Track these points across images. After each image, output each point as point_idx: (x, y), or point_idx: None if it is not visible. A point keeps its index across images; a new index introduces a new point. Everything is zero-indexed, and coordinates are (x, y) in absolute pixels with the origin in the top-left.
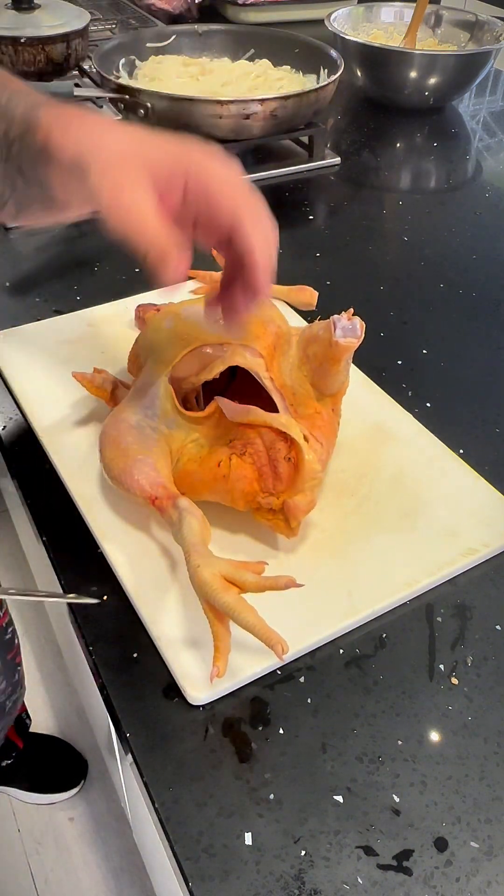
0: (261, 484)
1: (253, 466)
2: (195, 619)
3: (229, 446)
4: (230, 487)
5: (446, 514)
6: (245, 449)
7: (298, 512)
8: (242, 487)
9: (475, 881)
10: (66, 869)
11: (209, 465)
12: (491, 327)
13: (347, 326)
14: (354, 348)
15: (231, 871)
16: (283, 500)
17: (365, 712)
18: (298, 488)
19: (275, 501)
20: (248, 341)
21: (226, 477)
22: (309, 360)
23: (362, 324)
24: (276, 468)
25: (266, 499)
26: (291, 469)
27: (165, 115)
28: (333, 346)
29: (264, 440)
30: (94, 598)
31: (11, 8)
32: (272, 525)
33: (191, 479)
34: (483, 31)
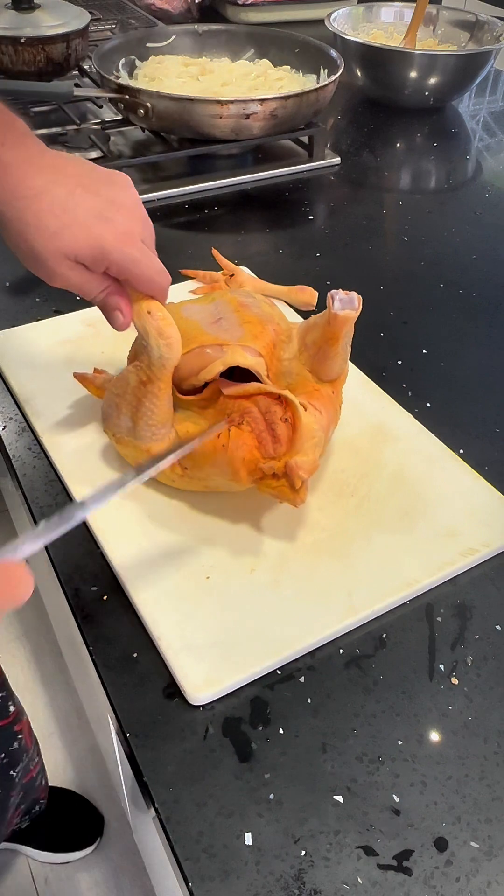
0: (261, 450)
1: (251, 434)
2: (195, 619)
3: (227, 421)
4: (230, 457)
5: (446, 514)
6: (242, 418)
7: (301, 471)
8: (242, 455)
9: (475, 881)
10: (66, 869)
11: (208, 439)
12: (491, 327)
13: (345, 299)
14: (353, 320)
15: (231, 871)
16: (286, 462)
17: (365, 712)
18: (298, 448)
19: (277, 465)
20: (248, 341)
21: (225, 447)
22: (307, 347)
23: (359, 297)
24: (273, 431)
25: (268, 464)
26: (289, 429)
27: (165, 115)
28: (332, 320)
29: (260, 407)
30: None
31: (11, 8)
32: (278, 493)
33: (193, 453)
34: (483, 31)
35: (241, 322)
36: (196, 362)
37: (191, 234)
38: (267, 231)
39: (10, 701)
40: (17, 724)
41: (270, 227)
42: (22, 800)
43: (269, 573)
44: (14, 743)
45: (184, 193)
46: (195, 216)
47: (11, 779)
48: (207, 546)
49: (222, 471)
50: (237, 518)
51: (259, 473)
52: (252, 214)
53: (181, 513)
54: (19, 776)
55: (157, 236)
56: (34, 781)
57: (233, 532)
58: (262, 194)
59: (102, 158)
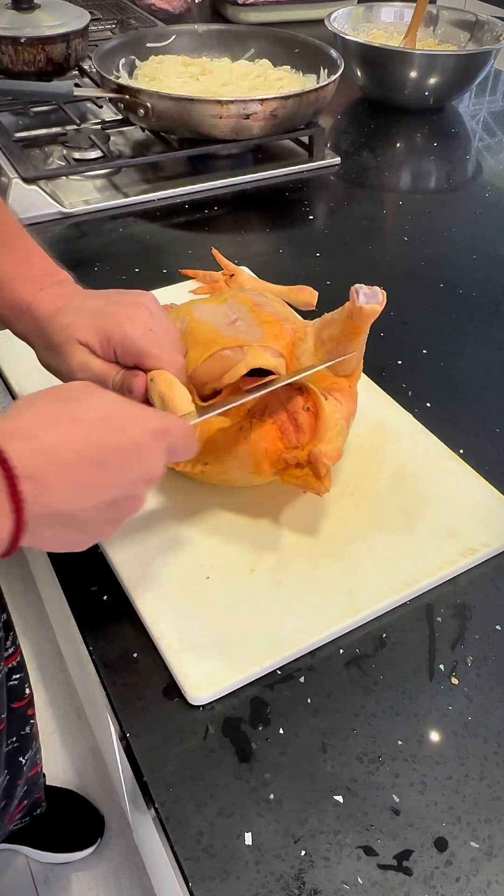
0: (284, 440)
1: (273, 425)
2: (195, 619)
3: (247, 413)
4: (253, 448)
5: (446, 513)
6: (263, 410)
7: (326, 458)
8: (265, 446)
9: (475, 881)
10: (66, 869)
11: (231, 431)
12: (491, 327)
13: (369, 293)
14: (377, 314)
15: (231, 871)
16: (310, 451)
17: (365, 712)
18: (322, 436)
19: (300, 453)
20: (268, 341)
21: (248, 438)
22: (324, 343)
23: (383, 292)
24: (296, 420)
25: (291, 453)
26: (312, 418)
27: (165, 115)
28: (356, 314)
29: (281, 399)
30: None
31: (11, 8)
32: (302, 482)
33: (213, 447)
34: (483, 31)
35: (259, 322)
36: (217, 366)
37: (191, 234)
38: (267, 231)
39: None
40: (30, 708)
41: (270, 227)
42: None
43: (269, 573)
44: (26, 727)
45: (184, 193)
46: (195, 216)
47: (20, 766)
48: (208, 546)
49: (244, 463)
50: (237, 518)
51: (282, 464)
52: (252, 214)
53: (181, 513)
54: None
55: (158, 236)
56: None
57: (233, 532)
58: (262, 194)
59: (102, 158)
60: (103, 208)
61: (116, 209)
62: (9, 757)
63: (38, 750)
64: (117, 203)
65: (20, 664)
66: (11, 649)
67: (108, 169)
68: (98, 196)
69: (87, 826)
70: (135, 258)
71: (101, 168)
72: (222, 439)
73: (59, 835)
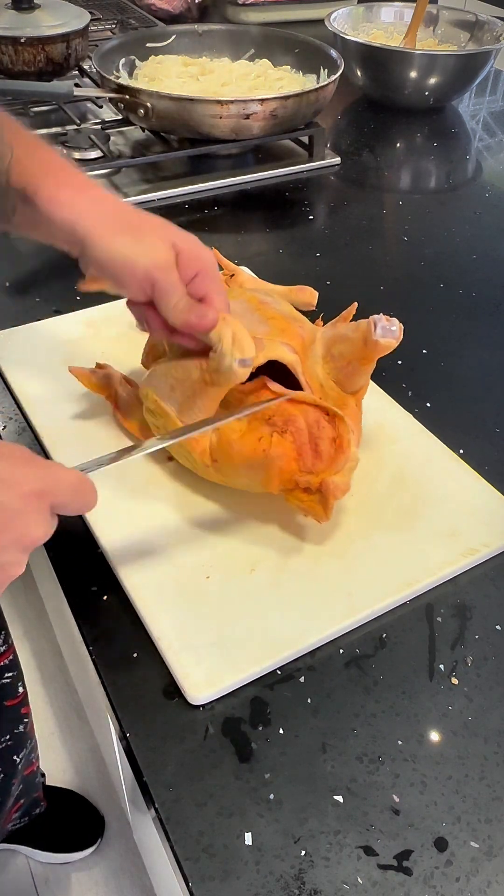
0: (300, 463)
1: (293, 445)
2: (195, 619)
3: (269, 423)
4: (269, 464)
5: (446, 514)
6: (286, 427)
7: (337, 491)
8: (281, 465)
9: (475, 881)
10: (66, 869)
11: (249, 440)
12: (491, 327)
13: (387, 327)
14: (392, 349)
15: (231, 871)
16: (322, 480)
17: (365, 712)
18: (338, 468)
19: (313, 480)
20: (275, 336)
21: (265, 452)
22: (334, 358)
23: (401, 326)
24: (317, 447)
25: (304, 477)
26: (333, 448)
27: (165, 115)
28: (371, 346)
29: (308, 418)
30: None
31: (11, 8)
32: (307, 507)
33: (229, 450)
34: (483, 31)
35: (265, 318)
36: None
37: None
38: (267, 231)
39: (20, 682)
40: (24, 706)
41: (270, 227)
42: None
43: (269, 573)
44: (20, 726)
45: (184, 193)
46: (195, 216)
47: (14, 764)
48: (208, 546)
49: (256, 474)
50: (238, 518)
51: (292, 484)
52: (252, 214)
53: (182, 513)
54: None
55: None
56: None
57: (233, 532)
58: (262, 194)
59: (102, 158)
60: None
61: None
62: (2, 755)
63: (33, 748)
64: None
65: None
66: (3, 647)
67: (108, 169)
68: None
69: (87, 826)
70: None
71: (101, 168)
72: (238, 443)
73: (59, 835)
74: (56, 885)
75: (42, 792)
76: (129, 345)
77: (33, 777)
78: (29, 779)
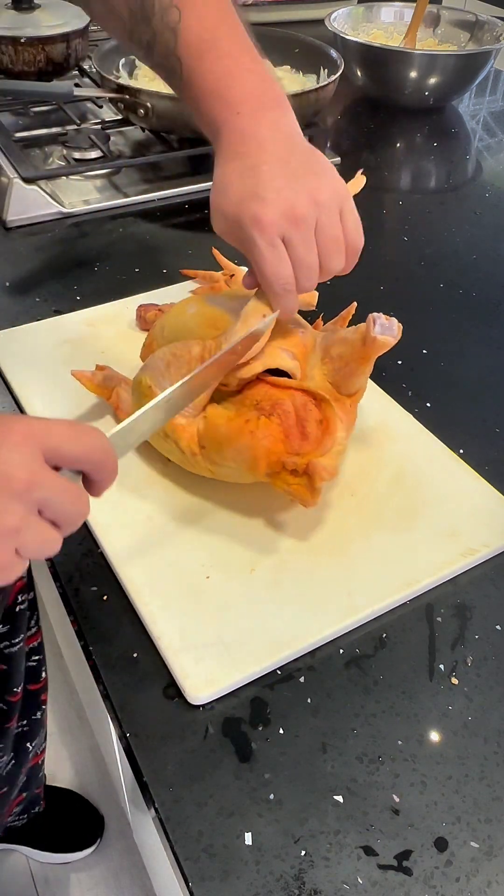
0: (287, 445)
1: (280, 427)
2: (195, 618)
3: (256, 407)
4: (255, 444)
5: (446, 514)
6: (273, 409)
7: (325, 473)
8: (268, 445)
9: (475, 881)
10: (66, 869)
11: (236, 423)
12: (491, 327)
13: (386, 325)
14: (390, 346)
15: (231, 871)
16: (309, 461)
17: (365, 712)
18: (325, 450)
19: (300, 461)
20: (282, 342)
21: (252, 433)
22: (332, 360)
23: (399, 325)
24: (304, 428)
25: (291, 459)
26: (320, 431)
27: (165, 115)
28: (369, 343)
29: (295, 402)
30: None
31: (11, 8)
32: (293, 490)
33: (216, 434)
34: (483, 31)
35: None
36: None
37: (191, 234)
38: None
39: (43, 667)
40: (44, 692)
41: None
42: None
43: (269, 573)
44: (38, 712)
45: (184, 193)
46: (195, 216)
47: (27, 752)
48: (207, 546)
49: (242, 457)
50: (238, 518)
51: (278, 467)
52: None
53: (181, 513)
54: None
55: (158, 236)
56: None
57: (233, 532)
58: None
59: (102, 158)
60: (103, 208)
61: (116, 209)
62: (17, 740)
63: (44, 738)
64: (117, 203)
65: (41, 646)
66: (35, 629)
67: (108, 169)
68: (98, 196)
69: (87, 826)
70: (135, 258)
71: (101, 168)
72: (225, 426)
73: (59, 835)
74: (56, 885)
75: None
76: (129, 344)
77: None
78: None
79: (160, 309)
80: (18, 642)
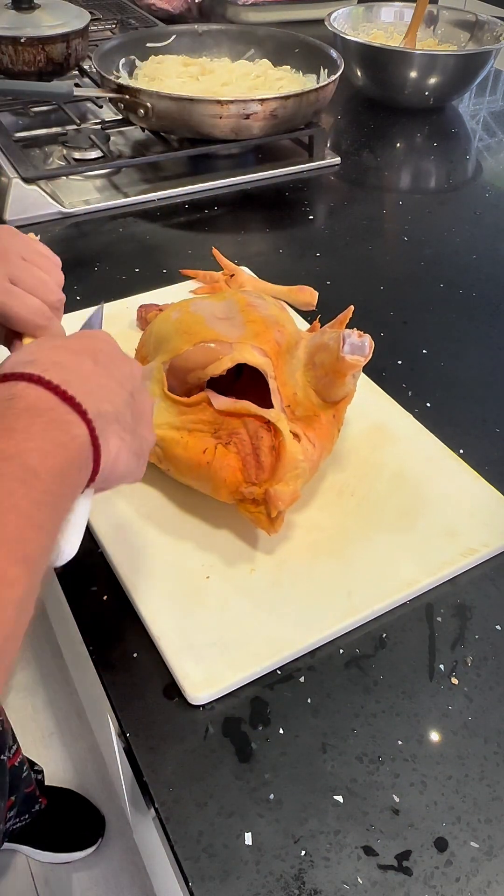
0: (244, 474)
1: (237, 456)
2: (195, 619)
3: (214, 436)
4: (213, 475)
5: (446, 514)
6: (230, 438)
7: (279, 501)
8: (225, 476)
9: (475, 881)
10: (66, 869)
11: (194, 452)
12: (491, 327)
13: (356, 343)
14: (360, 366)
15: (231, 871)
16: (265, 490)
17: (365, 712)
18: (279, 477)
19: (257, 491)
20: (248, 339)
21: (209, 464)
22: (315, 367)
23: (371, 342)
24: (258, 457)
25: (248, 489)
26: (274, 458)
27: (165, 115)
28: (340, 362)
29: (248, 430)
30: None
31: (11, 8)
32: (254, 519)
33: (177, 463)
34: (483, 31)
35: (246, 321)
36: (201, 357)
37: (191, 234)
38: (267, 231)
39: None
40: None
41: (270, 227)
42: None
43: (269, 573)
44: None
45: (184, 193)
46: (195, 216)
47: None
48: (207, 546)
49: (204, 486)
50: (237, 518)
51: (239, 496)
52: (252, 214)
53: (181, 513)
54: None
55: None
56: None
57: (233, 532)
58: (262, 194)
59: (102, 158)
60: (103, 208)
61: (116, 209)
62: None
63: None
64: (117, 203)
65: None
66: None
67: (108, 169)
68: (98, 196)
69: (87, 826)
70: (135, 258)
71: (101, 168)
72: (184, 456)
73: (60, 835)
74: (56, 885)
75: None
76: (129, 344)
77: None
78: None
79: (160, 309)
80: None
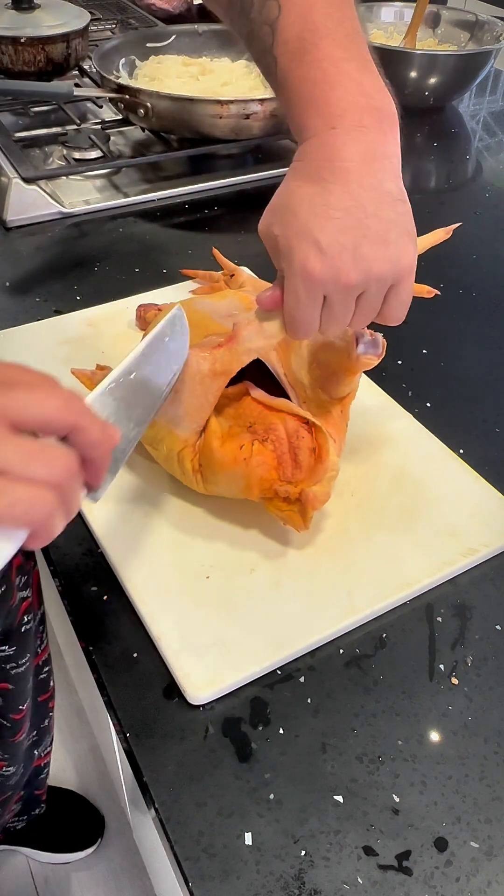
0: (279, 472)
1: (273, 454)
2: (195, 619)
3: (250, 430)
4: (249, 472)
5: (446, 514)
6: (267, 435)
7: (316, 502)
8: (261, 473)
9: (475, 881)
10: (66, 869)
11: (230, 447)
12: (491, 327)
13: (369, 342)
14: (373, 366)
15: (231, 871)
16: (301, 490)
17: (365, 712)
18: (317, 478)
19: (292, 490)
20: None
21: (246, 461)
22: (319, 365)
23: (384, 341)
24: (296, 457)
25: (283, 487)
26: (313, 459)
27: (165, 115)
28: (353, 360)
29: (287, 428)
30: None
31: (11, 8)
32: (285, 517)
33: (210, 458)
34: (483, 31)
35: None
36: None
37: (191, 234)
38: None
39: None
40: (52, 700)
41: None
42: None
43: (269, 573)
44: (45, 720)
45: (184, 193)
46: (195, 216)
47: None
48: (208, 546)
49: (236, 483)
50: (237, 518)
51: (272, 493)
52: (252, 214)
53: (181, 513)
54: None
55: (158, 236)
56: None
57: (233, 532)
58: (262, 194)
59: (102, 158)
60: (103, 208)
61: (116, 209)
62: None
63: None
64: (117, 203)
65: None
66: (43, 645)
67: (108, 169)
68: (98, 196)
69: (87, 826)
70: (135, 258)
71: (101, 168)
72: (220, 451)
73: (59, 835)
74: (56, 885)
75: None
76: (129, 344)
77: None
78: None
79: (160, 309)
80: (25, 662)
